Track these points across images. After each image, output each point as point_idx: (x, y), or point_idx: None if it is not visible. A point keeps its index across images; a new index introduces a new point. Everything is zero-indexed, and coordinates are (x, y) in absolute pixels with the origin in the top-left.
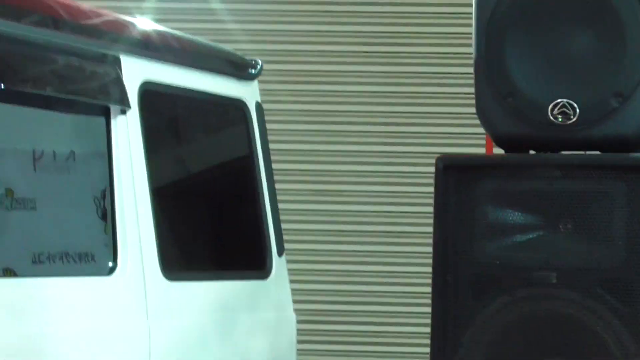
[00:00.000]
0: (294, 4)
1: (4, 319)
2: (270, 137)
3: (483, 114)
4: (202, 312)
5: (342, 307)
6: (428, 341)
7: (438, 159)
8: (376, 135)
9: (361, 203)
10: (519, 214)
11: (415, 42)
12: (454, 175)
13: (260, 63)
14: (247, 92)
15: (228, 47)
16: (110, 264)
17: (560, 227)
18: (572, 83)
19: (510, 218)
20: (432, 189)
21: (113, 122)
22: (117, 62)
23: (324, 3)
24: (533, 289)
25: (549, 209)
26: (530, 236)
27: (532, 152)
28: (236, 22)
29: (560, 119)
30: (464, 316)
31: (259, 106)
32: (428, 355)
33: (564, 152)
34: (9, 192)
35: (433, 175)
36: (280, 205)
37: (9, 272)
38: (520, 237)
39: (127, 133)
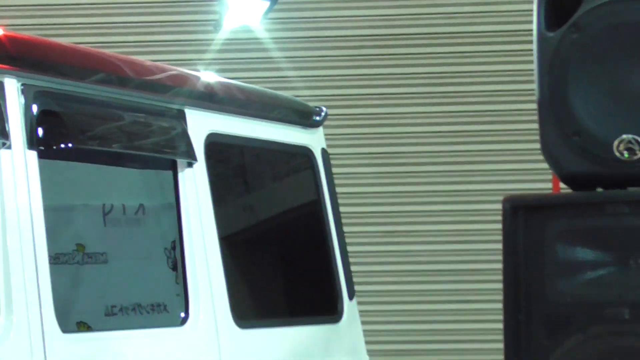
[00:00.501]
0: (352, 49)
1: None
2: (336, 181)
3: (549, 153)
4: (275, 358)
5: (415, 347)
6: None
7: (505, 200)
8: (442, 175)
9: (430, 242)
10: (589, 251)
11: (477, 81)
12: (522, 216)
13: (324, 110)
14: (313, 139)
15: (289, 94)
16: (183, 314)
17: (631, 262)
18: (636, 118)
19: (580, 255)
20: (499, 226)
21: (180, 175)
22: (182, 116)
23: (383, 47)
24: (606, 326)
25: (618, 245)
26: (601, 273)
27: (599, 189)
28: (295, 69)
29: (626, 155)
30: (538, 356)
31: (325, 152)
32: None
33: (631, 188)
34: (80, 247)
35: (500, 212)
36: (349, 248)
37: (83, 326)
38: (591, 274)
39: (194, 184)
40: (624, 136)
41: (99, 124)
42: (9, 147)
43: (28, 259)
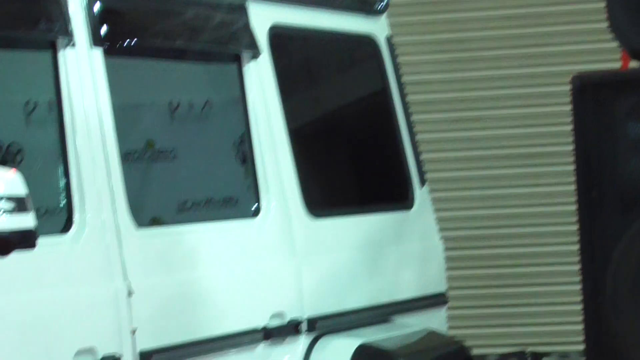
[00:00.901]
0: None
1: (154, 267)
2: (403, 69)
3: (617, 29)
4: (349, 246)
5: (487, 232)
6: (578, 259)
7: (574, 78)
8: (509, 59)
9: (498, 127)
10: None
11: None
12: (591, 94)
13: None
14: (376, 27)
15: None
16: (255, 206)
17: None
18: None
19: None
20: (569, 108)
21: (245, 68)
22: (244, 9)
23: None
24: None
25: None
26: None
27: None
28: None
29: None
30: (612, 231)
31: (388, 40)
32: (579, 272)
33: None
34: (150, 144)
35: (569, 93)
36: (417, 136)
37: (157, 221)
38: None
39: (259, 77)
40: None
41: (161, 20)
42: (73, 46)
43: (99, 158)
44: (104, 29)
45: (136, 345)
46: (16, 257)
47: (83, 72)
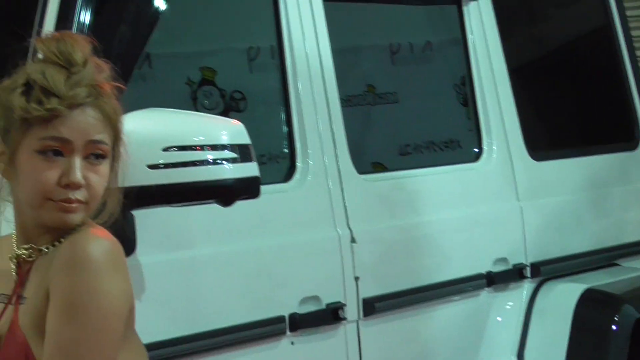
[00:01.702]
0: None
1: (376, 213)
2: (627, 4)
3: None
4: (572, 189)
5: None
6: None
7: None
8: None
9: None
10: None
11: None
12: None
13: None
14: None
15: None
16: (477, 150)
17: None
18: None
19: None
20: None
21: (465, 8)
22: None
23: None
24: None
25: None
26: None
27: None
28: None
29: None
30: None
31: None
32: None
33: None
34: (371, 88)
35: None
36: None
37: (379, 167)
38: None
39: (479, 17)
40: None
41: None
42: None
43: (320, 103)
44: None
45: (359, 293)
46: (241, 205)
47: (303, 16)
